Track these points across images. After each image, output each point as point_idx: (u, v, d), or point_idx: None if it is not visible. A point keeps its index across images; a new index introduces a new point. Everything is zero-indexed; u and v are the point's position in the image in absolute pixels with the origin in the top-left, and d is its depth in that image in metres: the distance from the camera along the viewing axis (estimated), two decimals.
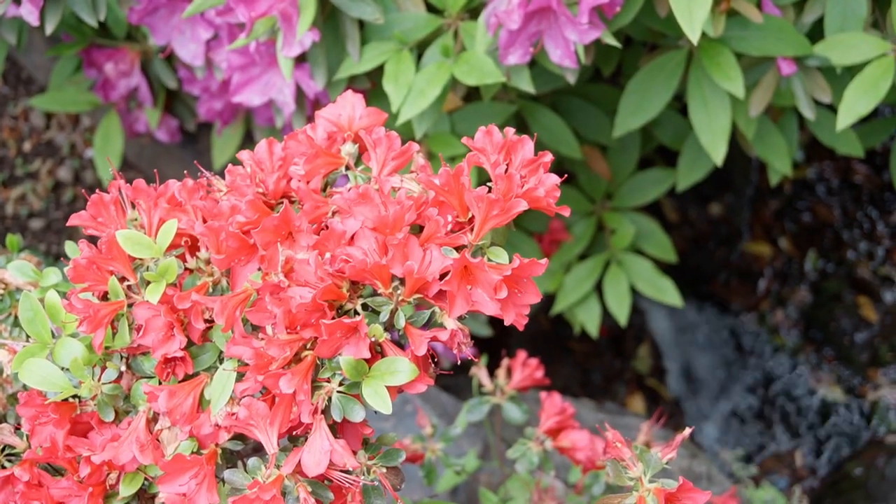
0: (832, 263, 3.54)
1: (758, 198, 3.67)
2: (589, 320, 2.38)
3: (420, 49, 1.72)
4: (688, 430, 1.25)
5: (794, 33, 1.83)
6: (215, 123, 2.24)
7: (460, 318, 1.08)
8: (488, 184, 1.10)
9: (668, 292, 2.31)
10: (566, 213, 1.13)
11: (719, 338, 3.45)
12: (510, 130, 1.14)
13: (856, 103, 1.76)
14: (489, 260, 1.08)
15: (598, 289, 2.38)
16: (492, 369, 1.76)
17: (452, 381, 2.83)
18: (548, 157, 1.14)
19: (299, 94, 1.82)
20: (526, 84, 1.67)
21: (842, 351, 3.37)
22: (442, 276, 1.06)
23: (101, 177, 2.54)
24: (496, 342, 2.87)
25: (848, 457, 3.10)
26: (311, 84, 1.75)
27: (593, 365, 3.29)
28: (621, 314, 2.31)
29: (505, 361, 1.77)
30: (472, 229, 1.08)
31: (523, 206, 1.07)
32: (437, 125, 1.92)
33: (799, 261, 3.56)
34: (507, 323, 1.07)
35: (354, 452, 1.12)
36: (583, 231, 2.39)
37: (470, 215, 1.09)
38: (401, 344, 1.10)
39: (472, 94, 1.96)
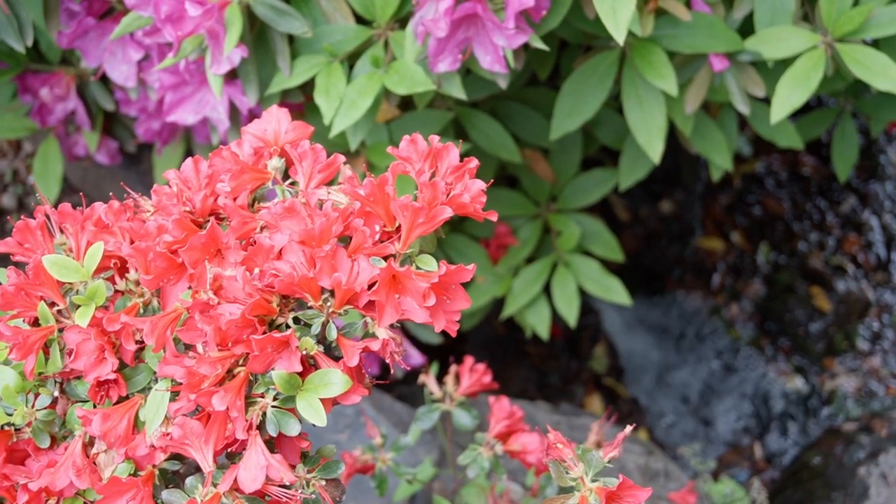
0: (784, 255, 3.58)
1: (708, 193, 3.70)
2: (539, 323, 2.38)
3: (351, 61, 1.72)
4: (629, 428, 1.26)
5: (725, 29, 1.85)
6: (155, 143, 2.23)
7: (393, 326, 1.09)
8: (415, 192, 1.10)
9: (615, 292, 2.32)
10: (493, 217, 1.14)
11: (675, 334, 3.47)
12: (435, 138, 1.15)
13: (789, 96, 1.78)
14: (417, 268, 1.08)
15: (548, 291, 2.39)
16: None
17: (408, 390, 2.83)
18: (473, 164, 1.14)
19: (233, 110, 1.82)
20: (457, 91, 1.67)
21: (797, 341, 3.40)
22: (371, 287, 1.06)
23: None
24: (451, 350, 2.87)
25: (807, 446, 3.12)
26: (243, 100, 1.74)
27: (550, 367, 3.30)
28: (570, 315, 2.31)
29: (453, 368, 1.77)
30: (399, 238, 1.08)
31: (448, 213, 1.07)
32: (375, 136, 1.92)
33: (751, 254, 3.59)
34: (436, 330, 1.08)
35: (293, 466, 1.12)
36: (529, 234, 2.39)
37: (397, 224, 1.09)
38: (338, 356, 1.10)
39: (410, 104, 1.97)
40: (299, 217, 1.08)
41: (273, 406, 1.07)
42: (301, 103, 1.85)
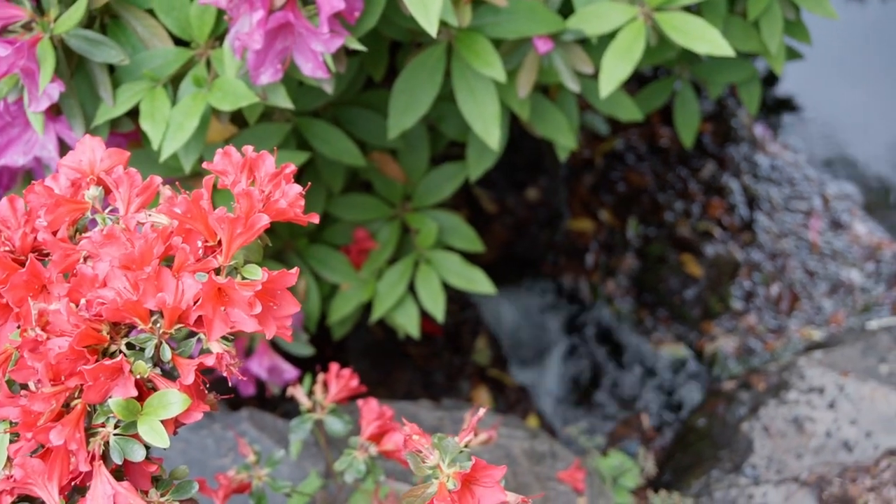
0: (653, 227, 3.64)
1: (572, 176, 3.74)
2: (408, 322, 2.38)
3: (175, 83, 1.71)
4: (482, 411, 1.28)
5: (545, 11, 1.88)
6: None
7: (227, 340, 1.09)
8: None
9: (479, 282, 2.33)
10: (315, 220, 1.15)
11: (556, 318, 3.50)
12: (249, 148, 1.16)
13: (614, 69, 1.82)
14: (243, 278, 1.09)
15: (413, 290, 2.39)
16: None
17: (291, 406, 2.82)
18: (289, 169, 1.15)
19: (64, 146, 1.80)
20: (283, 101, 1.67)
21: (674, 310, 3.46)
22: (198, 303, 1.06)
23: None
24: (331, 359, 2.86)
25: (692, 410, 3.18)
26: (71, 135, 1.72)
27: (433, 365, 3.31)
28: (437, 311, 2.32)
29: (320, 376, 1.78)
30: (222, 251, 1.09)
31: (266, 220, 1.08)
32: (213, 155, 1.91)
33: (621, 230, 3.64)
34: (268, 337, 1.08)
35: (146, 492, 1.11)
36: (388, 236, 2.40)
37: (218, 238, 1.09)
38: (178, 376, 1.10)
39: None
40: (119, 242, 1.08)
41: (115, 434, 1.06)
42: (134, 131, 1.83)
